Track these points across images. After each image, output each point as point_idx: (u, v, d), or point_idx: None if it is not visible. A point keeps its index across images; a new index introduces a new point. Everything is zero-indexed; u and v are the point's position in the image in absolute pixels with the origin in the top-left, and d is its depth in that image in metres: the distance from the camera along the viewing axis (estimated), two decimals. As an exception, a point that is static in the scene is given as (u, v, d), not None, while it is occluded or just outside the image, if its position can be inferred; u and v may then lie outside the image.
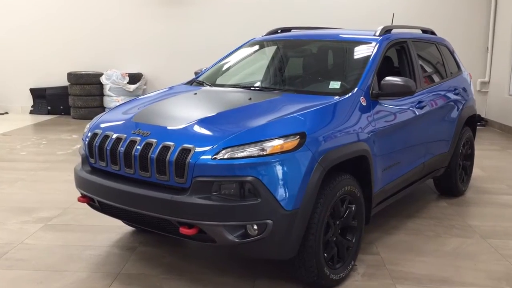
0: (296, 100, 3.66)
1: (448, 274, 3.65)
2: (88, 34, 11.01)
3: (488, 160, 7.42)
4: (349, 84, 3.84)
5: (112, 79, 10.45)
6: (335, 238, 3.36)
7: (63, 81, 10.89)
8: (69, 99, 10.75)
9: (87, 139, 3.48)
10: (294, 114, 3.28)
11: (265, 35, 5.02)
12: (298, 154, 3.00)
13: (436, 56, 5.24)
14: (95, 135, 3.43)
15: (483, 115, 10.78)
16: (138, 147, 3.11)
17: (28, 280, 3.43)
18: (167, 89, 4.37)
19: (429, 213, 4.96)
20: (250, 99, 3.65)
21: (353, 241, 3.53)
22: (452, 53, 5.59)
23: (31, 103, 11.31)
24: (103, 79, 10.54)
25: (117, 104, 9.19)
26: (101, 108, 10.44)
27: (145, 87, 10.96)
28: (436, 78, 5.10)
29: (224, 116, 3.34)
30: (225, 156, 2.90)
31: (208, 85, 4.35)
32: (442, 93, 4.95)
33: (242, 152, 2.92)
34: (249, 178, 2.87)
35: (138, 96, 9.26)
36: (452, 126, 5.09)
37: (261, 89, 4.11)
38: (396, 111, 4.06)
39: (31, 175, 6.07)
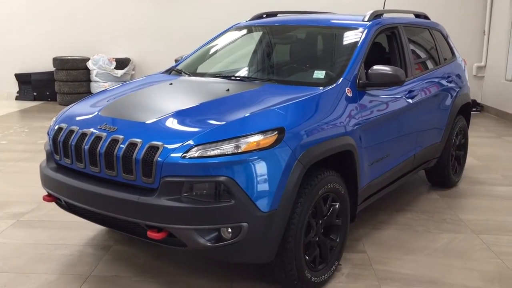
0: (277, 92, 3.43)
1: (437, 274, 3.46)
2: (75, 17, 10.68)
3: (483, 148, 7.22)
4: (334, 73, 3.61)
5: (99, 64, 10.16)
6: (317, 239, 3.16)
7: (49, 66, 10.58)
8: (55, 85, 10.48)
9: (52, 134, 3.26)
10: (273, 108, 3.05)
11: (250, 20, 4.77)
12: (276, 152, 2.77)
13: (429, 42, 5.00)
14: (60, 129, 3.21)
15: (478, 101, 10.56)
16: (104, 143, 2.89)
17: (-9, 283, 3.23)
18: (143, 78, 4.13)
19: (420, 206, 4.77)
20: (227, 90, 3.41)
21: (337, 240, 3.33)
22: (446, 38, 5.34)
23: (17, 89, 11.02)
24: (89, 64, 10.25)
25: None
26: (88, 93, 10.15)
27: (133, 72, 10.68)
28: (428, 65, 4.87)
29: (198, 109, 3.10)
30: (196, 154, 2.68)
31: (187, 74, 4.11)
32: (435, 80, 4.72)
33: (215, 149, 2.70)
34: (222, 178, 2.65)
35: (126, 81, 9.01)
36: (445, 115, 4.87)
37: (241, 79, 3.85)
38: (385, 101, 3.83)
39: (9, 166, 5.85)
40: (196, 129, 2.84)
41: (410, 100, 4.15)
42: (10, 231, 4.04)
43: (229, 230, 2.72)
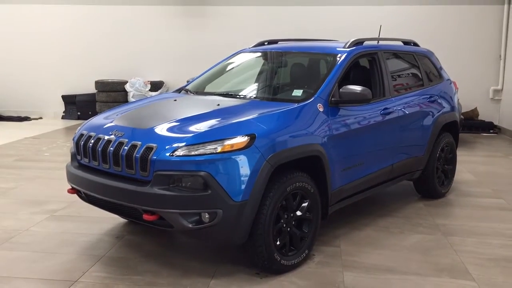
0: (259, 106, 4.12)
1: (395, 265, 4.01)
2: (115, 44, 11.83)
3: (485, 166, 7.62)
4: (310, 92, 4.26)
5: (135, 86, 11.15)
6: (288, 229, 3.79)
7: (92, 89, 11.68)
8: (96, 105, 11.52)
9: (75, 139, 4.06)
10: (249, 118, 3.74)
11: (253, 46, 5.50)
12: (246, 153, 3.45)
13: (413, 66, 5.57)
14: (81, 135, 4.01)
15: (496, 123, 10.88)
16: (113, 145, 3.65)
17: (24, 260, 4.01)
18: (158, 94, 4.91)
19: (403, 213, 5.28)
20: (218, 105, 4.14)
21: (308, 232, 3.94)
22: (433, 62, 5.89)
23: (63, 109, 12.17)
24: (127, 87, 11.25)
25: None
26: (125, 114, 11.10)
27: (166, 94, 11.62)
28: (410, 86, 5.43)
29: (190, 119, 3.83)
30: (181, 154, 3.39)
31: (192, 93, 4.87)
32: (415, 100, 5.27)
33: (197, 150, 3.41)
34: (201, 173, 3.35)
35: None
36: (426, 132, 5.40)
37: (233, 96, 4.57)
38: (358, 116, 4.43)
39: (48, 173, 6.74)
40: (183, 135, 3.56)
41: (384, 117, 4.73)
42: (44, 223, 4.85)
43: (207, 215, 3.40)
